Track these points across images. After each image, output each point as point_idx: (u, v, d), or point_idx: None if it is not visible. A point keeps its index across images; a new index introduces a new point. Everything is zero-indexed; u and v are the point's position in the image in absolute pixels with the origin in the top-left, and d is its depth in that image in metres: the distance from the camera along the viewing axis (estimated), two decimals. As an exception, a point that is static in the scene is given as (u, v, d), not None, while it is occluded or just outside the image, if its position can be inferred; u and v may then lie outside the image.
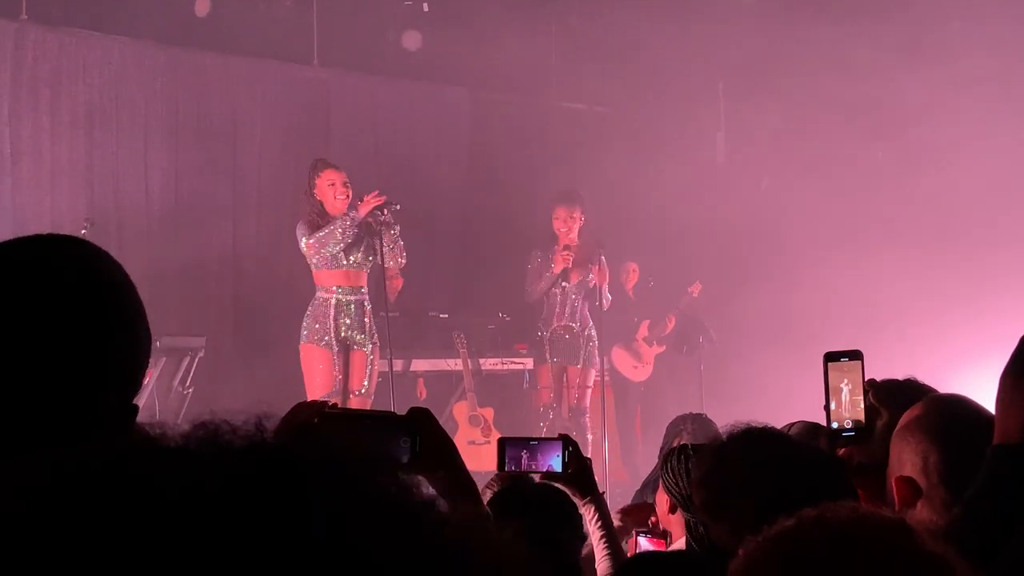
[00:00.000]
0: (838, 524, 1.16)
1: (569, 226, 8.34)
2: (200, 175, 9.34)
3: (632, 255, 10.20)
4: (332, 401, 3.39)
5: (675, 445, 3.78)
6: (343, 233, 7.05)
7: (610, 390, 9.90)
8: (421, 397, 9.23)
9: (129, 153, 9.09)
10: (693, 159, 10.68)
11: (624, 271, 10.26)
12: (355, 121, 10.05)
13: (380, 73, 10.31)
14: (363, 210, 7.10)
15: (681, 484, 2.90)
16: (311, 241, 7.04)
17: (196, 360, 8.10)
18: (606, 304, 8.51)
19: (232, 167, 9.53)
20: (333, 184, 7.23)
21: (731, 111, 11.19)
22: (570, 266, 8.32)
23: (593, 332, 8.49)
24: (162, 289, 8.91)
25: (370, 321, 7.33)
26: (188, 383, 8.08)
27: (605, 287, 8.43)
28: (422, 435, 1.93)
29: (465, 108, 10.75)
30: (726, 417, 4.47)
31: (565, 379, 8.51)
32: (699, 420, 4.64)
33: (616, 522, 3.34)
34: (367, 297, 7.35)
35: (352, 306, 7.23)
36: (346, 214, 7.09)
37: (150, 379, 7.92)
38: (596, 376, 8.70)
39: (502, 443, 2.74)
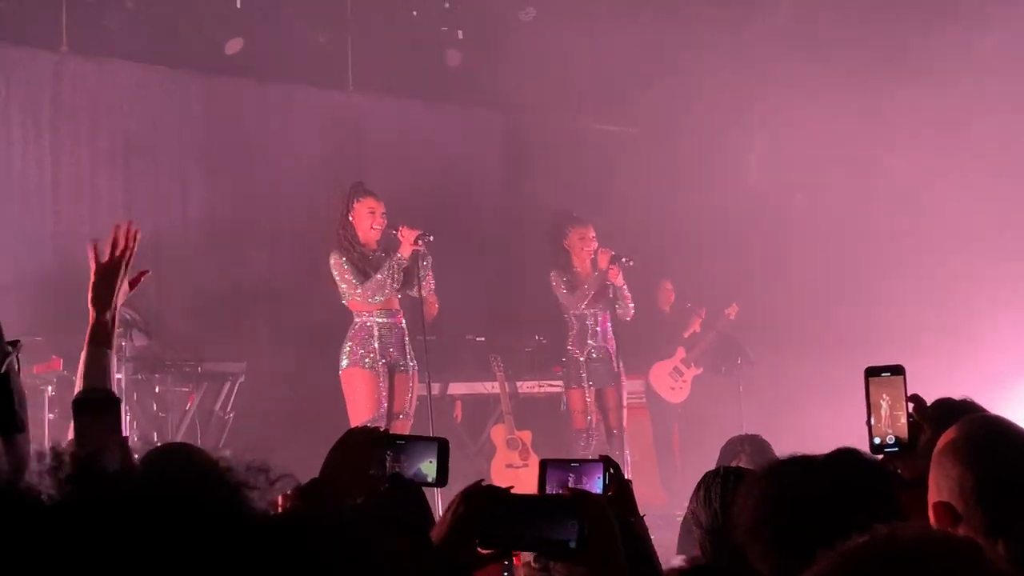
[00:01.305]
0: (909, 543, 1.16)
1: (583, 247, 8.46)
2: (236, 202, 9.47)
3: (667, 274, 10.30)
4: (381, 425, 3.53)
5: (733, 465, 3.82)
6: (393, 281, 7.17)
7: (646, 411, 9.98)
8: (457, 420, 9.33)
9: (167, 181, 9.26)
10: (728, 175, 10.70)
11: (660, 290, 10.36)
12: (389, 145, 10.14)
13: (415, 96, 10.42)
14: (407, 250, 7.22)
15: (715, 503, 2.95)
16: (361, 291, 7.11)
17: (237, 385, 8.20)
18: (630, 311, 8.55)
19: (268, 193, 9.66)
20: (373, 212, 7.33)
21: (765, 128, 11.25)
22: (606, 266, 8.34)
23: (616, 353, 8.56)
24: (202, 315, 9.04)
25: (408, 343, 7.44)
26: (229, 408, 8.18)
27: (625, 289, 8.45)
28: (592, 522, 2.00)
29: (498, 130, 10.89)
30: (769, 438, 4.61)
31: (598, 401, 8.57)
32: (756, 442, 4.62)
33: None
34: (402, 318, 7.46)
35: (392, 329, 7.35)
36: (393, 258, 7.18)
37: (191, 404, 8.10)
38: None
39: (544, 465, 2.77)
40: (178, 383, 8.11)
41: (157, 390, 7.99)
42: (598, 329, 8.50)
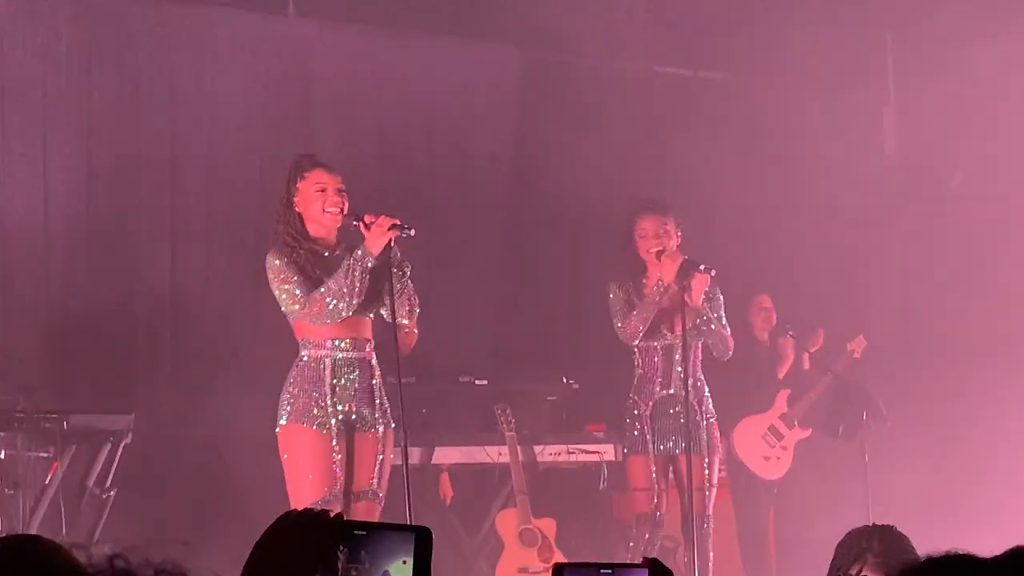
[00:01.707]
0: None
1: (659, 245, 8.41)
2: (123, 177, 9.41)
3: (762, 287, 10.24)
4: (332, 509, 3.44)
5: (855, 573, 3.75)
6: (356, 290, 7.07)
7: (727, 489, 9.92)
8: (446, 502, 9.28)
9: (19, 146, 9.18)
10: (849, 146, 10.69)
11: (754, 309, 10.29)
12: (349, 97, 10.10)
13: (380, 25, 10.41)
14: (375, 242, 7.10)
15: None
16: (307, 305, 7.05)
17: (120, 448, 8.14)
18: (727, 346, 8.45)
19: (170, 165, 9.61)
20: (324, 190, 7.23)
21: (905, 76, 11.22)
22: (676, 274, 8.29)
23: (710, 402, 8.51)
24: (65, 345, 8.98)
25: (380, 390, 7.37)
26: (108, 482, 8.11)
27: (714, 310, 8.42)
28: None
29: (512, 74, 10.85)
30: (907, 530, 4.54)
31: (672, 475, 8.50)
32: (888, 536, 4.54)
33: None
34: (374, 354, 7.40)
35: (356, 368, 7.27)
36: (355, 254, 7.10)
37: (52, 475, 8.01)
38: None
39: (559, 571, 2.71)
40: (33, 445, 8.03)
41: (2, 455, 7.92)
42: (677, 369, 8.43)
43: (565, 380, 9.71)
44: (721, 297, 8.48)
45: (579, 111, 10.61)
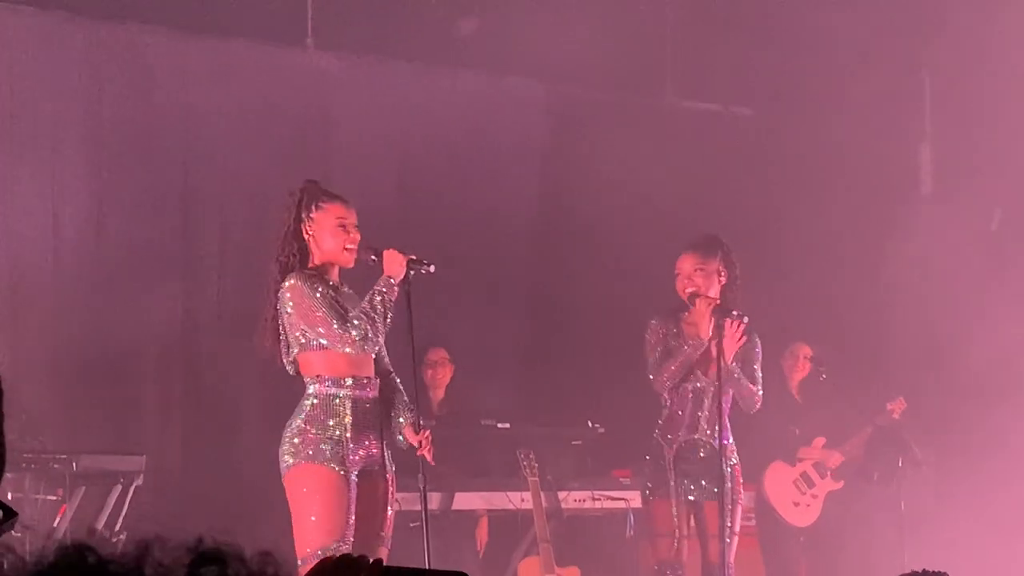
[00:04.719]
0: None
1: (693, 285, 8.36)
2: (135, 211, 9.42)
3: (798, 335, 10.19)
4: (356, 555, 3.38)
5: None
6: (388, 313, 7.05)
7: (755, 538, 9.87)
8: (480, 550, 9.25)
9: (30, 176, 9.22)
10: (883, 184, 10.66)
11: (790, 358, 10.24)
12: (369, 131, 10.12)
13: (401, 58, 10.42)
14: (394, 269, 7.06)
15: None
16: (346, 333, 6.97)
17: (131, 490, 8.13)
18: (756, 399, 8.42)
19: (182, 199, 9.64)
20: (343, 225, 7.22)
21: (941, 112, 11.19)
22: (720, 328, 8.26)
23: (734, 449, 8.47)
24: (75, 384, 8.96)
25: (389, 433, 7.32)
26: (118, 526, 8.10)
27: (752, 366, 8.39)
28: None
29: (538, 109, 10.86)
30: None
31: (696, 521, 8.45)
32: None
33: None
34: (375, 390, 7.37)
35: (368, 407, 7.22)
36: (380, 282, 7.07)
37: (61, 518, 7.99)
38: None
39: None
40: (42, 487, 8.06)
41: (10, 497, 7.85)
42: (704, 413, 8.38)
43: (590, 424, 9.63)
44: (759, 349, 8.41)
45: (605, 147, 10.57)
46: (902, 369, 10.18)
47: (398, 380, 7.31)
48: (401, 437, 7.25)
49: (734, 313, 8.16)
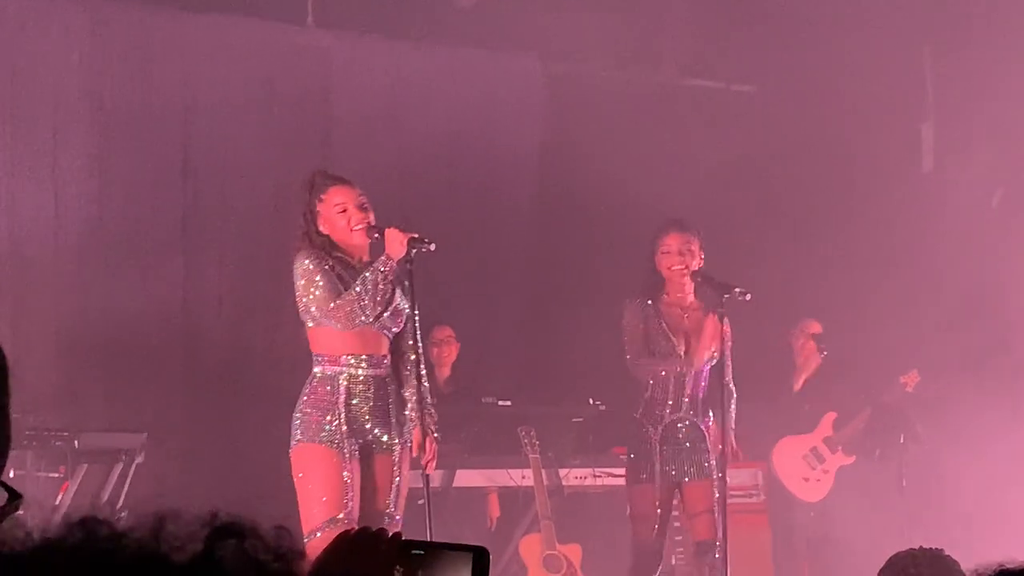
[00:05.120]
0: None
1: (683, 263, 8.36)
2: (135, 190, 9.45)
3: (805, 311, 10.19)
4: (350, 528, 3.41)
5: None
6: (377, 298, 7.03)
7: (765, 515, 9.89)
8: (491, 525, 9.28)
9: (29, 155, 9.23)
10: (885, 162, 10.66)
11: (798, 335, 10.25)
12: (369, 109, 10.14)
13: (401, 36, 10.42)
14: (394, 248, 7.07)
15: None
16: (338, 310, 6.99)
17: (133, 467, 8.14)
18: (731, 392, 8.41)
19: (183, 177, 9.66)
20: (345, 209, 7.17)
21: (943, 92, 11.18)
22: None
23: (711, 421, 8.47)
24: (76, 362, 9.01)
25: (397, 411, 7.32)
26: (120, 502, 8.07)
27: (729, 363, 8.37)
28: None
29: (537, 86, 10.85)
30: (954, 553, 4.51)
31: (685, 502, 8.41)
32: (936, 561, 4.50)
33: None
34: (391, 373, 7.35)
35: (371, 387, 7.22)
36: (378, 261, 7.07)
37: (63, 496, 8.01)
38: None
39: None
40: (43, 465, 8.07)
41: (12, 475, 7.89)
42: (686, 391, 8.37)
43: (591, 401, 9.66)
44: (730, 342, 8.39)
45: (605, 124, 10.58)
46: (907, 344, 10.16)
47: (413, 358, 7.30)
48: (409, 429, 7.29)
49: (736, 290, 8.17)
